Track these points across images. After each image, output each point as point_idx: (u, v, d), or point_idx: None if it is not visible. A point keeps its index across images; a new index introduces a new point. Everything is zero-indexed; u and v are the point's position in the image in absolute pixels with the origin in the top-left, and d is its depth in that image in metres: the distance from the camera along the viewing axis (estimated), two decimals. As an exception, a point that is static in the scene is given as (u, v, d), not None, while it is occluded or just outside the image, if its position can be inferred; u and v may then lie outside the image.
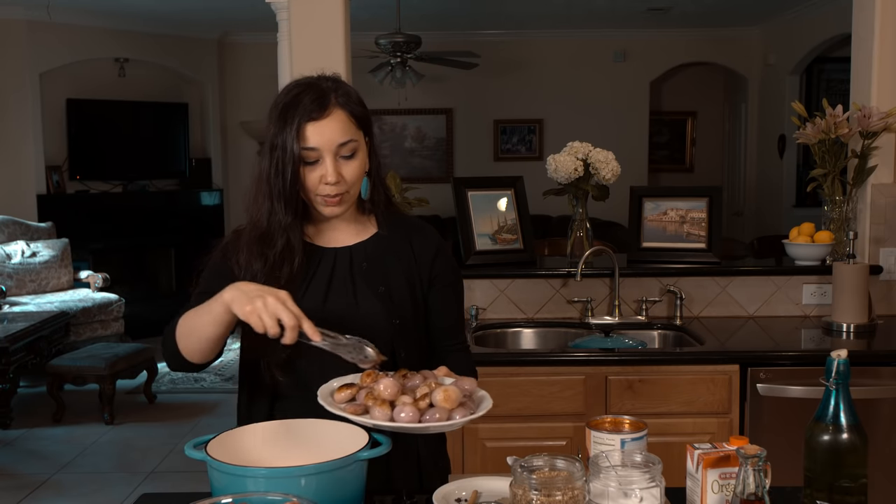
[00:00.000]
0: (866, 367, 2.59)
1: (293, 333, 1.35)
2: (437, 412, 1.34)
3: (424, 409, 1.35)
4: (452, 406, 1.35)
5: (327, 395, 1.42)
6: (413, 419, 1.33)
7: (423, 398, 1.36)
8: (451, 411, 1.35)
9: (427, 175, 8.36)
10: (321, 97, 1.54)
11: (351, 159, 1.56)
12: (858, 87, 3.15)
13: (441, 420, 1.33)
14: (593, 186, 3.14)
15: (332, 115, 1.53)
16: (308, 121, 1.52)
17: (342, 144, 1.54)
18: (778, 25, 7.75)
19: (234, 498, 1.15)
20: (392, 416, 1.34)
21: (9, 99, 6.87)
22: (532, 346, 3.08)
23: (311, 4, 3.16)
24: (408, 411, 1.33)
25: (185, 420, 5.13)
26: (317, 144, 1.52)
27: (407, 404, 1.34)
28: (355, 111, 1.56)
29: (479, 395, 1.45)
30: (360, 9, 4.95)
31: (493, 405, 1.41)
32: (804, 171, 7.02)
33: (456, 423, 1.35)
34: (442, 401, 1.35)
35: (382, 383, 1.37)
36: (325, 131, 1.52)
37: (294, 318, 1.34)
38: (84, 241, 7.07)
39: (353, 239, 1.66)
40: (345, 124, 1.54)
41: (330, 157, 1.53)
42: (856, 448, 1.27)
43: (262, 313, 1.33)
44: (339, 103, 1.55)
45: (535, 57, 8.37)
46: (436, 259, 1.68)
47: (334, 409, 1.38)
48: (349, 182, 1.56)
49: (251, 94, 8.19)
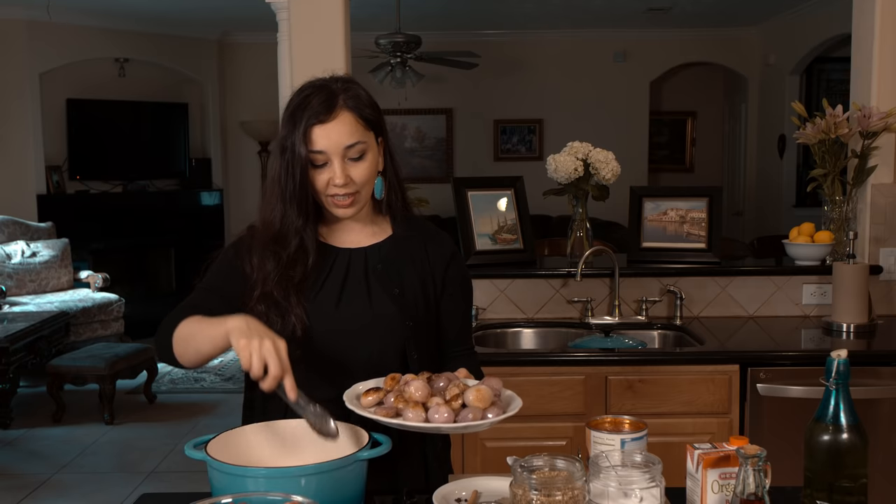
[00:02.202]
0: (866, 367, 2.58)
1: (273, 382, 1.33)
2: (470, 412, 1.35)
3: (458, 410, 1.36)
4: (485, 405, 1.36)
5: (354, 399, 1.42)
6: (448, 420, 1.34)
7: (455, 398, 1.37)
8: (484, 410, 1.36)
9: (427, 175, 8.36)
10: (329, 99, 1.54)
11: (359, 161, 1.56)
12: (858, 87, 3.15)
13: (475, 419, 1.34)
14: (593, 186, 3.14)
15: (338, 117, 1.53)
16: (315, 123, 1.52)
17: (349, 147, 1.54)
18: (778, 25, 7.75)
19: (234, 498, 1.15)
20: (427, 418, 1.34)
21: (9, 99, 6.87)
22: (532, 346, 3.08)
23: (311, 4, 3.16)
24: (442, 412, 1.34)
25: (185, 420, 5.13)
26: (323, 147, 1.53)
27: (441, 405, 1.35)
28: (364, 113, 1.56)
29: (507, 394, 1.46)
30: (360, 9, 4.94)
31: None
32: (804, 171, 7.02)
33: (490, 422, 1.36)
34: (475, 401, 1.36)
35: (413, 385, 1.38)
36: (332, 134, 1.52)
37: (279, 370, 1.33)
38: (84, 241, 7.07)
39: (367, 240, 1.66)
40: (352, 126, 1.54)
41: (338, 160, 1.53)
42: (856, 448, 1.27)
43: (254, 353, 1.32)
44: (347, 105, 1.54)
45: (535, 57, 8.37)
46: (449, 266, 1.69)
47: (364, 413, 1.38)
48: (358, 183, 1.56)
49: (251, 94, 8.19)
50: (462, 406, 1.36)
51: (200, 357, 1.48)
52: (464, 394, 1.37)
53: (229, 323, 1.38)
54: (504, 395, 1.45)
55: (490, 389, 1.39)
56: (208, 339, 1.43)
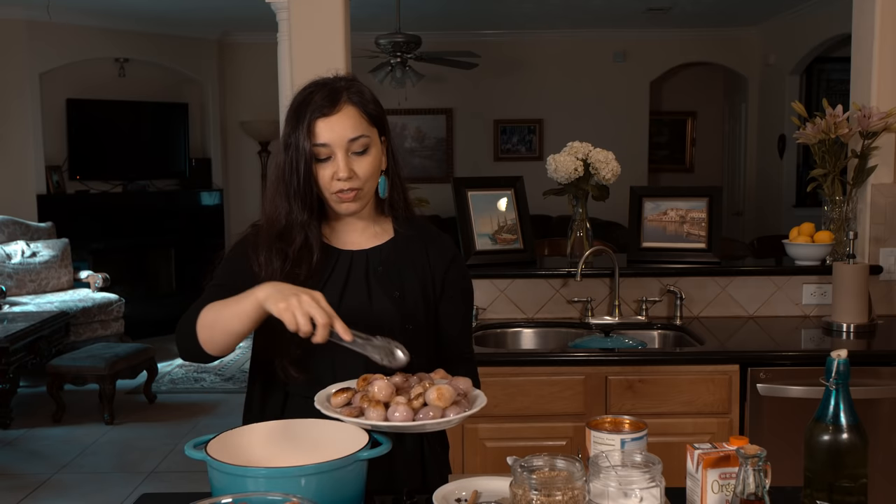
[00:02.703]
0: (866, 367, 2.59)
1: (324, 332, 1.35)
2: (430, 410, 1.36)
3: (418, 409, 1.37)
4: (446, 404, 1.37)
5: (324, 400, 1.44)
6: (407, 418, 1.35)
7: (417, 398, 1.38)
8: (444, 409, 1.37)
9: (427, 175, 8.36)
10: (332, 94, 1.55)
11: (363, 155, 1.56)
12: (858, 87, 3.15)
13: (435, 418, 1.35)
14: (593, 186, 3.14)
15: (342, 110, 1.54)
16: (319, 117, 1.53)
17: (353, 140, 1.54)
18: (778, 25, 7.75)
19: (234, 498, 1.15)
20: (386, 416, 1.35)
21: (9, 99, 6.87)
22: (532, 346, 3.08)
23: (311, 4, 3.16)
24: (401, 410, 1.35)
25: (185, 420, 5.13)
26: (327, 140, 1.53)
27: (401, 404, 1.36)
28: (368, 108, 1.57)
29: (474, 394, 1.47)
30: (360, 9, 4.94)
31: (493, 405, 1.42)
32: (804, 171, 7.02)
33: (450, 420, 1.37)
34: (435, 399, 1.37)
35: (376, 385, 1.40)
36: (336, 127, 1.53)
37: (326, 317, 1.35)
38: (84, 241, 7.07)
39: (369, 242, 1.66)
40: (356, 120, 1.55)
41: (341, 153, 1.54)
42: (856, 448, 1.27)
43: (297, 310, 1.34)
44: (350, 100, 1.56)
45: (535, 57, 8.37)
46: (449, 269, 1.69)
47: (330, 413, 1.40)
48: (362, 178, 1.56)
49: (251, 94, 8.19)
50: (423, 405, 1.37)
51: (230, 337, 1.47)
52: (425, 393, 1.39)
53: (258, 293, 1.39)
54: (471, 394, 1.46)
55: (452, 389, 1.40)
56: (236, 315, 1.43)
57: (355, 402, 1.41)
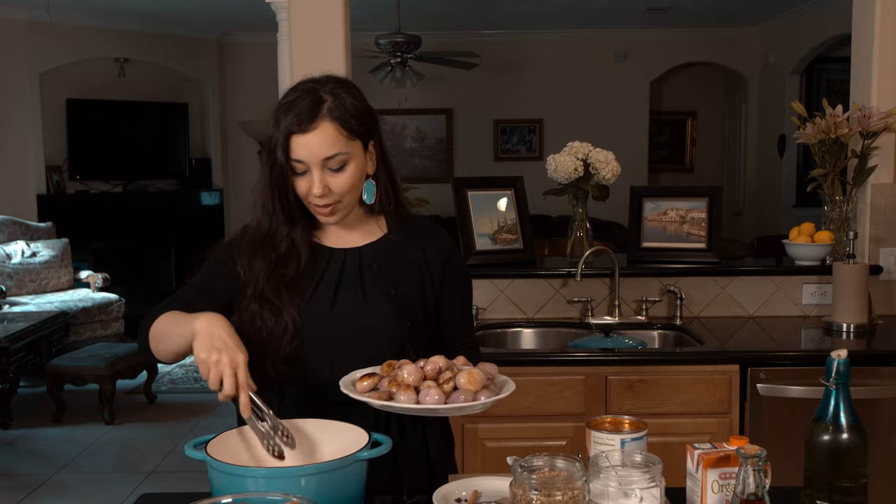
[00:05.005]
0: (866, 367, 2.58)
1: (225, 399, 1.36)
2: (461, 394, 1.36)
3: (449, 392, 1.37)
4: (477, 388, 1.37)
5: (349, 385, 1.44)
6: (439, 401, 1.35)
7: (447, 381, 1.38)
8: (475, 393, 1.37)
9: (427, 175, 8.36)
10: (312, 107, 1.50)
11: (339, 172, 1.53)
12: (858, 87, 3.15)
13: (466, 401, 1.35)
14: (593, 186, 3.14)
15: (318, 128, 1.50)
16: (295, 132, 1.50)
17: (328, 158, 1.51)
18: (778, 25, 7.75)
19: (234, 498, 1.15)
20: (418, 400, 1.35)
21: (9, 99, 6.87)
22: (532, 346, 3.08)
23: (311, 4, 3.16)
24: (433, 394, 1.35)
25: (185, 420, 5.13)
26: (302, 157, 1.51)
27: (432, 387, 1.36)
28: (349, 124, 1.52)
29: (501, 379, 1.47)
30: (360, 9, 4.94)
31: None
32: (804, 171, 7.02)
33: (481, 403, 1.37)
34: (466, 383, 1.37)
35: (405, 370, 1.39)
36: (311, 145, 1.50)
37: (232, 389, 1.34)
38: (84, 241, 7.07)
39: (361, 240, 1.65)
40: (332, 138, 1.51)
41: (317, 170, 1.52)
42: (856, 448, 1.27)
43: (211, 368, 1.34)
44: (330, 116, 1.51)
45: (535, 57, 8.37)
46: (447, 262, 1.68)
47: (358, 397, 1.39)
48: (337, 194, 1.54)
49: (251, 94, 8.19)
50: (454, 389, 1.38)
51: (173, 356, 1.50)
52: (456, 377, 1.39)
53: (196, 324, 1.39)
54: (498, 379, 1.46)
55: (482, 373, 1.40)
56: (180, 336, 1.44)
57: (382, 386, 1.40)
